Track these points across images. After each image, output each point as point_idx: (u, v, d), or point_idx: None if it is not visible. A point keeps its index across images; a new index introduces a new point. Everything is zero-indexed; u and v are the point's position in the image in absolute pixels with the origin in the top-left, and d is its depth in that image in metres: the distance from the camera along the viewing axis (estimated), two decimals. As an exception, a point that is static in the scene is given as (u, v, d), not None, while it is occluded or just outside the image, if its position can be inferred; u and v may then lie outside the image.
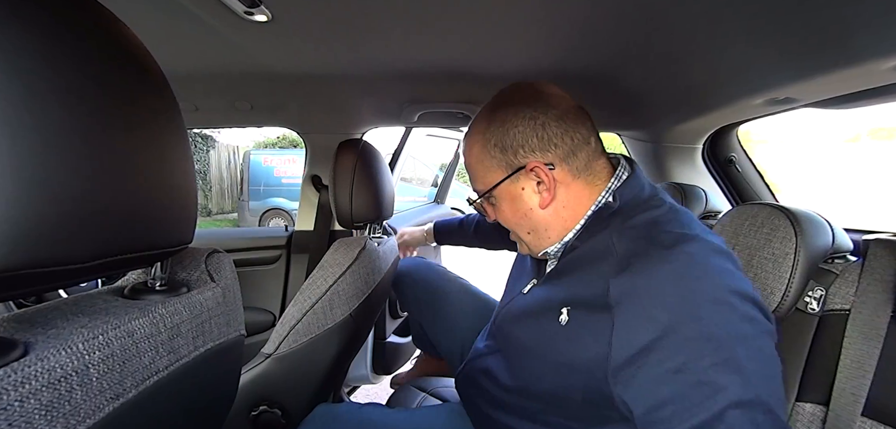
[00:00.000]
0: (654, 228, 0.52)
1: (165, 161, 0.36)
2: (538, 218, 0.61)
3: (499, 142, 0.60)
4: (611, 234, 0.55)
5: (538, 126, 0.58)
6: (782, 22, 0.60)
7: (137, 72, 0.34)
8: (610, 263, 0.52)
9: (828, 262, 0.64)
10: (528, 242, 0.64)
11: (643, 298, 0.47)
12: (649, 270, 0.48)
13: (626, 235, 0.53)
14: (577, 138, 0.59)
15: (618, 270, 0.50)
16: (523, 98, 0.60)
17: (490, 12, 0.65)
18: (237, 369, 0.57)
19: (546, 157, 0.58)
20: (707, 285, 0.45)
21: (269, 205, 6.49)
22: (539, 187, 0.59)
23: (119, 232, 0.32)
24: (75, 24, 0.29)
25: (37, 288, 0.29)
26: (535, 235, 0.63)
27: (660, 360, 0.44)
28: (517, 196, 0.61)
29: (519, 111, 0.59)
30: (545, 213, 0.60)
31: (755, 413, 0.41)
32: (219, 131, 8.22)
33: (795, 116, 1.00)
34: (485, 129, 0.61)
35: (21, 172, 0.25)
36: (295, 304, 0.85)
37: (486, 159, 0.61)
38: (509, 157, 0.59)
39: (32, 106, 0.25)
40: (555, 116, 0.58)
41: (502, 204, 0.63)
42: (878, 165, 6.01)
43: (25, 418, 0.27)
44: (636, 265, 0.49)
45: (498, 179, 0.61)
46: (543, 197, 0.59)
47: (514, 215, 0.62)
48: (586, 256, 0.57)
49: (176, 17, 0.68)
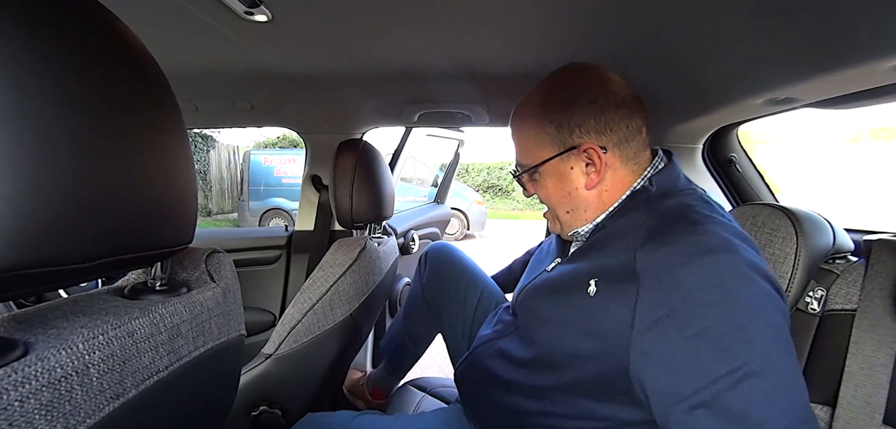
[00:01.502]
0: (684, 209, 0.54)
1: (165, 161, 0.36)
2: (581, 198, 0.62)
3: (556, 119, 0.60)
4: (642, 213, 0.56)
5: (598, 109, 0.58)
6: (782, 22, 0.60)
7: (137, 72, 0.34)
8: (638, 236, 0.53)
9: (828, 262, 0.64)
10: (564, 221, 0.65)
11: (668, 266, 0.48)
12: (675, 241, 0.49)
13: (655, 214, 0.55)
14: (632, 127, 0.60)
15: (645, 241, 0.52)
16: (585, 79, 0.61)
17: (490, 12, 0.65)
18: (237, 369, 0.57)
19: (601, 140, 0.59)
20: (730, 258, 0.46)
21: (269, 205, 6.49)
22: (588, 169, 0.60)
23: (119, 232, 0.32)
24: (75, 24, 0.29)
25: (37, 288, 0.28)
26: (573, 214, 0.64)
27: (679, 326, 0.45)
28: (564, 174, 0.62)
29: (580, 91, 0.59)
30: (589, 193, 0.61)
31: (769, 382, 0.41)
32: (219, 131, 8.22)
33: (795, 116, 1.00)
34: (543, 102, 0.62)
35: (21, 171, 0.25)
36: (295, 304, 0.85)
37: (540, 134, 0.61)
38: (564, 135, 0.60)
39: (32, 106, 0.25)
40: (614, 101, 0.59)
41: (547, 180, 0.64)
42: (879, 165, 6.02)
43: (25, 418, 0.27)
44: (662, 237, 0.50)
45: (548, 156, 0.61)
46: (591, 178, 0.60)
47: (558, 193, 0.63)
48: (617, 233, 0.58)
49: (176, 17, 0.67)
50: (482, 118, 1.25)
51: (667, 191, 0.58)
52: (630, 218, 0.57)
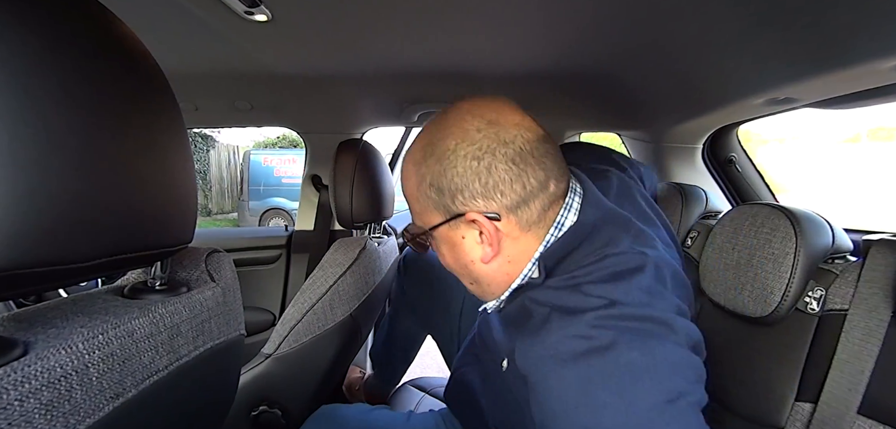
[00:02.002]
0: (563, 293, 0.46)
1: (165, 161, 0.36)
2: (480, 272, 0.53)
3: (435, 181, 0.49)
4: (525, 296, 0.50)
5: (483, 169, 0.47)
6: (782, 22, 0.60)
7: (137, 72, 0.34)
8: (526, 325, 0.48)
9: (828, 262, 0.64)
10: (472, 291, 0.58)
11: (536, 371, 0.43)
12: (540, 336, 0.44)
13: (537, 299, 0.48)
14: (532, 185, 0.48)
15: (525, 335, 0.47)
16: (469, 127, 0.48)
17: (490, 12, 0.65)
18: (237, 368, 0.57)
19: (490, 206, 0.48)
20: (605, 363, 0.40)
21: (269, 205, 6.49)
22: (481, 238, 0.50)
23: (119, 232, 0.32)
24: (75, 23, 0.29)
25: (36, 287, 0.29)
26: (478, 286, 0.56)
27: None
28: (457, 244, 0.52)
29: (461, 146, 0.48)
30: (488, 268, 0.52)
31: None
32: (219, 131, 8.22)
33: (795, 116, 1.00)
34: (420, 161, 0.51)
35: (21, 171, 0.25)
36: (295, 304, 0.85)
37: (422, 198, 0.52)
38: (447, 201, 0.49)
39: (32, 106, 0.25)
40: (504, 156, 0.47)
41: (442, 247, 0.55)
42: (879, 165, 6.02)
43: (25, 418, 0.27)
44: (534, 330, 0.46)
45: (435, 222, 0.52)
46: (486, 251, 0.51)
47: (455, 263, 0.55)
48: (512, 315, 0.53)
49: (176, 17, 0.68)
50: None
51: (563, 265, 0.49)
52: (519, 301, 0.51)
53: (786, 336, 0.62)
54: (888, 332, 0.54)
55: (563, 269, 0.49)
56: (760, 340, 0.66)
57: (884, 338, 0.54)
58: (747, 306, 0.65)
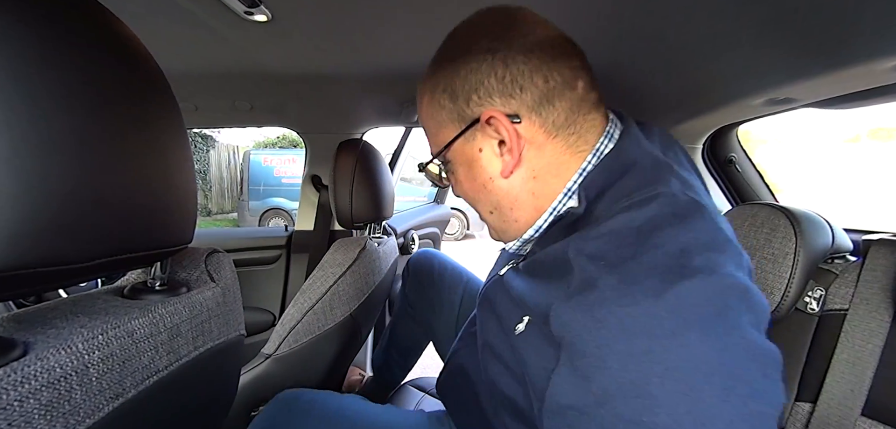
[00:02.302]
0: (627, 244, 0.35)
1: (165, 161, 0.36)
2: (500, 192, 0.46)
3: (448, 86, 0.45)
4: (569, 245, 0.39)
5: (498, 62, 0.42)
6: (782, 22, 0.60)
7: (137, 72, 0.34)
8: (564, 281, 0.38)
9: (828, 262, 0.64)
10: (492, 225, 0.51)
11: (583, 344, 0.33)
12: (599, 310, 0.33)
13: (589, 247, 0.37)
14: (556, 79, 0.42)
15: (566, 295, 0.37)
16: (484, 26, 0.44)
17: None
18: (237, 369, 0.57)
19: (509, 105, 0.42)
20: (672, 351, 0.30)
21: (268, 205, 6.50)
22: (501, 149, 0.44)
23: (118, 232, 0.32)
24: (75, 23, 0.29)
25: (36, 288, 0.28)
26: (499, 214, 0.48)
27: None
28: (473, 160, 0.46)
29: (474, 41, 0.43)
30: (509, 183, 0.45)
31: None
32: (219, 131, 8.23)
33: (795, 117, 1.00)
34: (433, 71, 0.47)
35: (20, 171, 0.25)
36: (295, 304, 0.85)
37: (436, 111, 0.47)
38: (461, 105, 0.44)
39: (32, 106, 0.25)
40: (522, 47, 0.41)
41: (459, 170, 0.49)
42: (878, 165, 6.02)
43: (25, 418, 0.27)
44: (585, 297, 0.34)
45: (450, 137, 0.46)
46: (506, 161, 0.44)
47: (472, 186, 0.48)
48: (546, 264, 0.43)
49: (176, 17, 0.68)
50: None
51: (609, 198, 0.40)
52: (556, 249, 0.41)
53: (785, 336, 0.63)
54: (890, 332, 0.54)
55: (605, 205, 0.40)
56: (760, 340, 0.66)
57: (885, 339, 0.54)
58: (747, 306, 0.65)
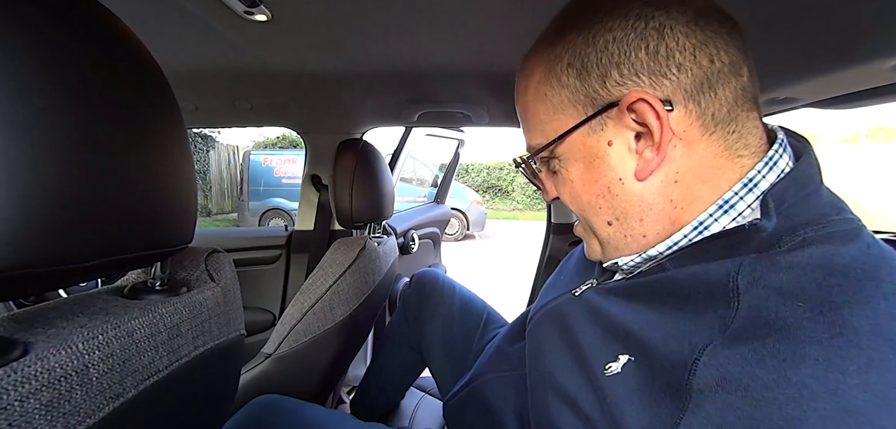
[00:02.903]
0: (837, 287, 0.26)
1: (165, 161, 0.36)
2: (631, 197, 0.36)
3: (577, 58, 0.35)
4: (741, 268, 0.30)
5: (652, 31, 0.32)
6: (783, 22, 0.60)
7: (137, 71, 0.34)
8: (718, 315, 0.29)
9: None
10: (605, 238, 0.40)
11: (759, 413, 0.24)
12: (795, 369, 0.24)
13: (775, 278, 0.28)
14: (722, 61, 0.33)
15: (729, 337, 0.27)
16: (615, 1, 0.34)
17: (490, 12, 0.65)
18: (237, 369, 0.57)
19: (661, 88, 0.33)
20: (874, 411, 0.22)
21: (268, 205, 6.50)
22: (639, 144, 0.35)
23: (118, 232, 0.32)
24: (75, 23, 0.29)
25: (36, 288, 0.28)
26: (621, 225, 0.37)
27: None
28: (597, 158, 0.36)
29: (622, 5, 0.34)
30: (643, 187, 0.35)
31: None
32: (219, 131, 8.23)
33: (795, 117, 1.00)
34: (554, 40, 0.37)
35: (20, 171, 0.25)
36: (295, 304, 0.85)
37: (552, 92, 0.37)
38: (593, 84, 0.35)
39: (31, 105, 0.25)
40: (685, 16, 0.32)
41: (571, 168, 0.38)
42: (878, 165, 6.02)
43: (25, 418, 0.26)
44: (771, 347, 0.25)
45: (570, 125, 0.37)
46: (646, 160, 0.34)
47: (590, 190, 0.38)
48: (682, 287, 0.32)
49: (176, 17, 0.67)
50: (482, 118, 1.25)
51: (800, 223, 0.30)
52: (714, 269, 0.31)
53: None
54: None
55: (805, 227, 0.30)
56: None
57: None
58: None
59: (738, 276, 0.29)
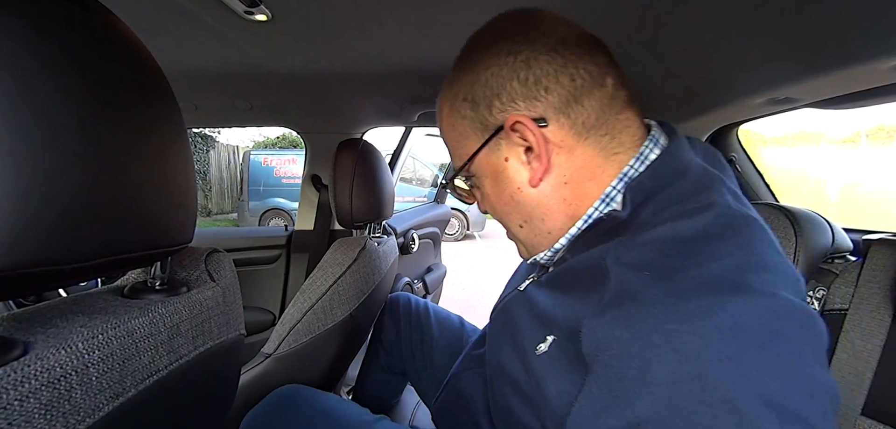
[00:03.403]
0: (676, 255, 0.32)
1: (165, 161, 0.36)
2: (530, 202, 0.43)
3: (469, 92, 0.43)
4: (607, 251, 0.36)
5: (520, 63, 0.40)
6: (782, 22, 0.60)
7: (137, 71, 0.34)
8: (598, 292, 0.35)
9: (828, 262, 0.64)
10: (522, 238, 0.47)
11: (622, 365, 0.30)
12: (641, 326, 0.30)
13: (630, 255, 0.35)
14: (583, 77, 0.39)
15: (601, 308, 0.34)
16: (504, 29, 0.42)
17: (490, 12, 0.65)
18: (237, 368, 0.57)
19: (534, 108, 0.40)
20: (727, 379, 0.26)
21: (268, 205, 6.50)
22: (529, 156, 0.41)
23: (118, 232, 0.32)
24: (75, 23, 0.29)
25: (36, 288, 0.28)
26: (530, 227, 0.45)
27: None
28: (500, 172, 0.43)
29: (494, 45, 0.41)
30: (538, 192, 0.42)
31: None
32: (219, 131, 8.24)
33: (796, 116, 1.00)
34: (453, 79, 0.45)
35: (20, 171, 0.25)
36: (295, 304, 0.85)
37: (457, 121, 0.45)
38: (483, 113, 0.42)
39: (31, 105, 0.25)
40: (546, 46, 0.39)
41: (484, 183, 0.46)
42: (879, 165, 6.02)
43: (25, 418, 0.27)
44: (625, 311, 0.31)
45: (474, 148, 0.44)
46: (534, 169, 0.41)
47: (500, 200, 0.45)
48: (578, 272, 0.40)
49: (176, 17, 0.67)
50: (482, 118, 1.25)
51: (656, 206, 0.37)
52: (592, 255, 0.38)
53: (786, 336, 0.62)
54: (889, 332, 0.54)
55: (651, 212, 0.37)
56: (760, 340, 0.66)
57: (885, 338, 0.54)
58: (747, 306, 0.65)
59: (607, 258, 0.36)
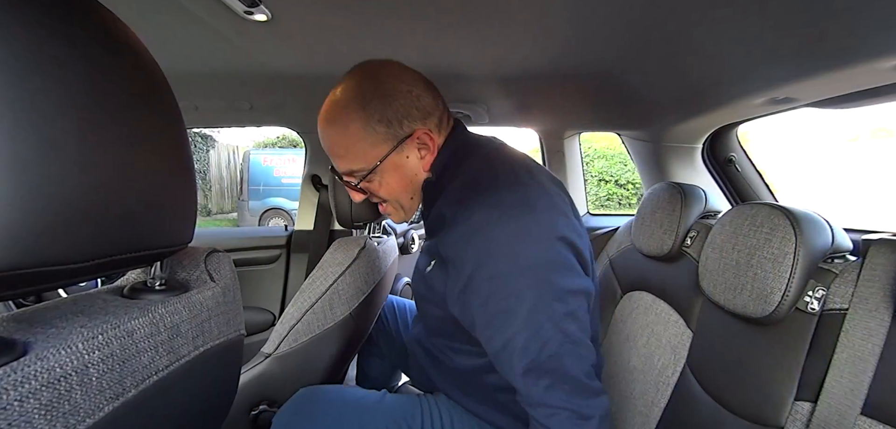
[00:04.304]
0: (463, 192, 0.63)
1: (165, 161, 0.36)
2: (420, 180, 0.68)
3: (384, 116, 0.63)
4: (441, 204, 0.65)
5: (415, 98, 0.64)
6: (782, 22, 0.60)
7: (137, 71, 0.34)
8: (442, 221, 0.64)
9: (827, 261, 0.64)
10: (408, 207, 0.72)
11: (457, 253, 0.59)
12: (457, 232, 0.60)
13: (449, 200, 0.64)
14: (439, 106, 0.67)
15: (444, 231, 0.63)
16: (392, 74, 0.65)
17: (490, 12, 0.65)
18: (237, 368, 0.57)
19: (428, 124, 0.65)
20: (496, 233, 0.56)
21: (268, 205, 6.48)
22: (422, 152, 0.66)
23: (118, 231, 0.32)
24: (75, 23, 0.29)
25: (36, 287, 0.29)
26: (416, 197, 0.70)
27: (471, 298, 0.58)
28: (402, 165, 0.66)
29: (395, 86, 0.64)
30: (425, 174, 0.68)
31: (533, 339, 0.54)
32: (219, 131, 8.22)
33: (795, 116, 1.00)
34: (362, 104, 0.63)
35: (20, 171, 0.25)
36: (295, 303, 0.85)
37: (370, 135, 0.64)
38: (395, 128, 0.64)
39: (31, 106, 0.25)
40: (424, 87, 0.66)
41: (387, 176, 0.67)
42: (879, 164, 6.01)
43: (25, 418, 0.27)
44: (452, 228, 0.61)
45: (384, 153, 0.64)
46: (426, 160, 0.67)
47: (401, 183, 0.68)
48: (435, 221, 0.66)
49: (176, 17, 0.67)
50: (482, 118, 1.25)
51: (450, 173, 0.66)
52: (437, 208, 0.66)
53: (786, 336, 0.62)
54: (889, 332, 0.54)
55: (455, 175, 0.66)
56: (760, 340, 0.66)
57: (885, 338, 0.54)
58: (747, 306, 0.65)
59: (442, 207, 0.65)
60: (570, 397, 0.54)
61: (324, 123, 0.67)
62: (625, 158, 5.51)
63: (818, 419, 0.56)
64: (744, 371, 0.67)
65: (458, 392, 0.74)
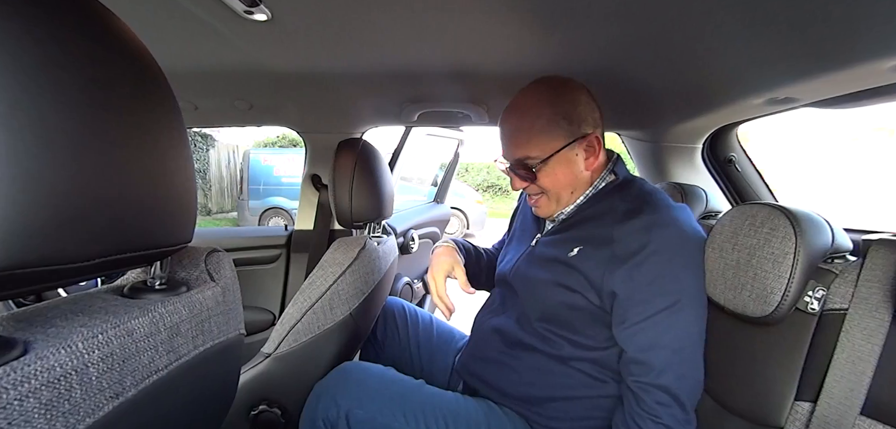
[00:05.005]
0: (647, 197, 0.73)
1: (165, 160, 0.36)
2: (582, 178, 0.78)
3: (567, 114, 0.74)
4: (614, 199, 0.75)
5: (594, 107, 0.77)
6: (782, 21, 0.60)
7: (137, 71, 0.34)
8: (613, 216, 0.72)
9: (827, 262, 0.64)
10: (564, 201, 0.80)
11: (635, 232, 0.68)
12: (643, 218, 0.69)
13: (625, 200, 0.73)
14: (600, 124, 0.79)
15: (620, 221, 0.71)
16: (575, 86, 0.77)
17: (490, 12, 0.65)
18: (237, 368, 0.57)
19: (598, 130, 0.77)
20: (674, 232, 0.69)
21: (268, 204, 6.48)
22: (588, 155, 0.76)
23: (118, 231, 0.32)
24: (74, 22, 0.29)
25: (36, 287, 0.29)
26: (576, 193, 0.79)
27: (640, 271, 0.66)
28: (572, 161, 0.76)
29: (580, 92, 0.77)
30: (589, 174, 0.78)
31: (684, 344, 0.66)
32: (219, 131, 8.21)
33: (795, 116, 1.00)
34: (552, 101, 0.75)
35: (20, 171, 0.25)
36: (295, 303, 0.85)
37: (553, 128, 0.74)
38: (574, 127, 0.74)
39: (31, 105, 0.25)
40: (596, 103, 0.79)
41: (556, 168, 0.76)
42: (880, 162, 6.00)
43: (25, 417, 0.27)
44: (635, 216, 0.70)
45: (560, 146, 0.74)
46: (590, 161, 0.77)
47: (565, 177, 0.77)
48: (595, 214, 0.76)
49: (176, 17, 0.67)
50: (482, 118, 1.25)
51: (626, 180, 0.78)
52: (606, 203, 0.76)
53: (786, 336, 0.63)
54: (889, 332, 0.54)
55: (630, 183, 0.78)
56: (760, 340, 0.66)
57: (885, 338, 0.54)
58: (747, 306, 0.65)
59: (614, 202, 0.75)
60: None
61: (513, 112, 0.78)
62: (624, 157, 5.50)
63: (818, 419, 0.56)
64: (743, 371, 0.67)
65: (532, 387, 0.78)
